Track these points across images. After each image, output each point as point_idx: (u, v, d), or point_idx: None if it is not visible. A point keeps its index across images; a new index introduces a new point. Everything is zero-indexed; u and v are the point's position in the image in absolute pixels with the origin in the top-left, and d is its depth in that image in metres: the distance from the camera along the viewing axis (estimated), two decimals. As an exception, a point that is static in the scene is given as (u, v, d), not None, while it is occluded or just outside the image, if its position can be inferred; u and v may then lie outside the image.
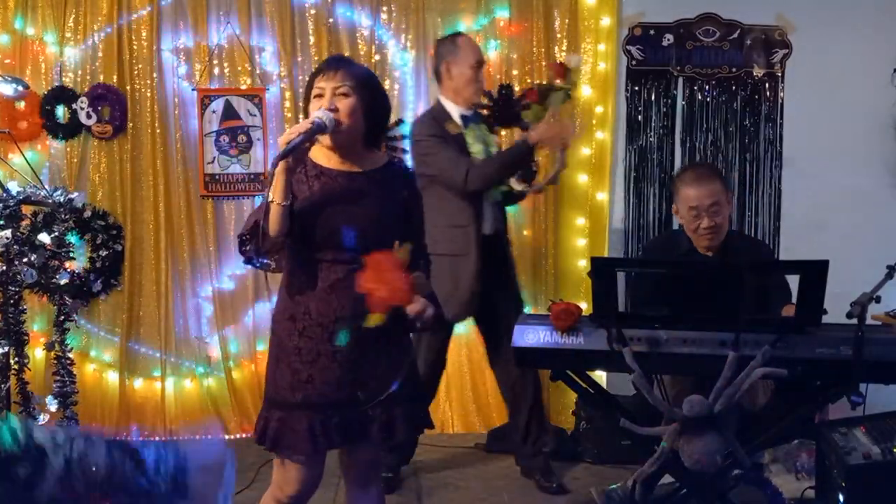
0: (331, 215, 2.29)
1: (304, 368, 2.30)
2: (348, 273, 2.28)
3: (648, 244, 4.38)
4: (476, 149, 3.63)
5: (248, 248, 2.29)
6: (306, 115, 2.37)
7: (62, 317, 2.98)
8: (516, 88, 4.42)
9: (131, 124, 4.46)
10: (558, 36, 4.49)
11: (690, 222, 3.22)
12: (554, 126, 3.52)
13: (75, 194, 3.02)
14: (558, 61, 3.61)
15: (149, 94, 4.46)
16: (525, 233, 4.54)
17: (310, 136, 2.21)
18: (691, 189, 3.20)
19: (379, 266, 2.20)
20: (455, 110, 3.68)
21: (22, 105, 4.39)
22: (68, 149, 4.48)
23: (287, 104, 4.49)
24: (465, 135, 3.64)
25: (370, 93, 2.37)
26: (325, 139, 2.31)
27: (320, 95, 2.32)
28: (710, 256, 3.25)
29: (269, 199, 2.21)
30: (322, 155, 2.37)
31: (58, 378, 2.98)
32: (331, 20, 4.47)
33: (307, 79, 2.43)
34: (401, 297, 2.20)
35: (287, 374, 2.31)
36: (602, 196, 4.54)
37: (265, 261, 2.33)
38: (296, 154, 2.20)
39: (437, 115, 3.73)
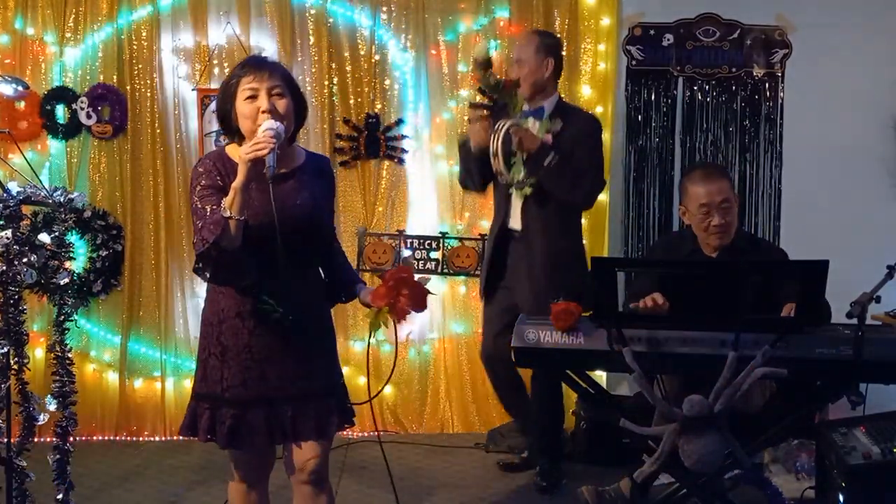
0: (280, 221, 2.30)
1: (256, 366, 2.36)
2: (296, 272, 2.37)
3: (653, 244, 4.38)
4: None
5: (203, 267, 2.31)
6: (227, 117, 2.37)
7: (62, 317, 2.97)
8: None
9: (131, 124, 4.46)
10: (558, 36, 4.48)
11: (701, 220, 3.19)
12: (477, 129, 3.62)
13: (75, 194, 3.01)
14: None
15: (149, 95, 4.47)
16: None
17: (276, 148, 2.23)
18: (701, 187, 3.19)
19: (399, 280, 2.35)
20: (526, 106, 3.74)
21: (22, 105, 4.39)
22: (68, 149, 4.49)
23: (287, 104, 4.49)
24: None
25: (296, 91, 2.43)
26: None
27: (253, 97, 2.32)
28: (713, 258, 3.24)
29: (227, 216, 2.22)
30: None
31: (57, 378, 2.98)
32: (331, 20, 4.47)
33: (235, 80, 2.37)
34: (422, 306, 2.39)
35: (238, 372, 2.36)
36: (602, 196, 4.53)
37: (225, 275, 2.34)
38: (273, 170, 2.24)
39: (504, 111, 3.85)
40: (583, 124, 3.72)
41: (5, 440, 2.87)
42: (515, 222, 3.72)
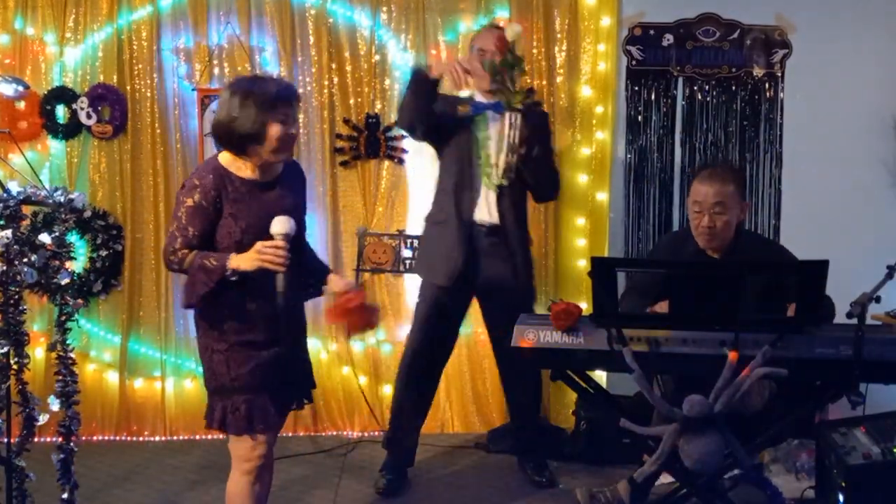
0: (268, 225, 2.52)
1: (257, 355, 2.59)
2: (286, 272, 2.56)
3: (658, 242, 4.37)
4: (482, 135, 3.65)
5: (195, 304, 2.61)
6: (256, 132, 2.53)
7: (63, 317, 2.97)
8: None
9: (131, 124, 4.46)
10: (558, 36, 4.49)
11: (693, 218, 3.21)
12: (446, 61, 3.61)
13: (76, 194, 3.01)
14: (499, 35, 3.59)
15: (149, 94, 4.46)
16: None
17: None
18: (700, 185, 3.20)
19: (349, 303, 2.69)
20: (477, 96, 3.73)
21: (22, 105, 4.39)
22: (68, 149, 4.49)
23: (287, 104, 4.49)
24: (474, 121, 3.67)
25: None
26: (280, 158, 2.62)
27: (286, 122, 2.55)
28: (717, 258, 3.23)
29: (228, 274, 2.49)
30: (240, 166, 2.60)
31: (59, 378, 2.98)
32: (330, 20, 4.46)
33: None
34: (371, 326, 2.80)
35: (244, 363, 2.58)
36: (602, 196, 4.54)
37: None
38: None
39: (457, 97, 3.80)
40: (540, 118, 3.78)
41: (5, 440, 2.87)
42: (483, 214, 3.66)
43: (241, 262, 2.48)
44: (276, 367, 2.62)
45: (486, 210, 3.66)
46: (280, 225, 2.49)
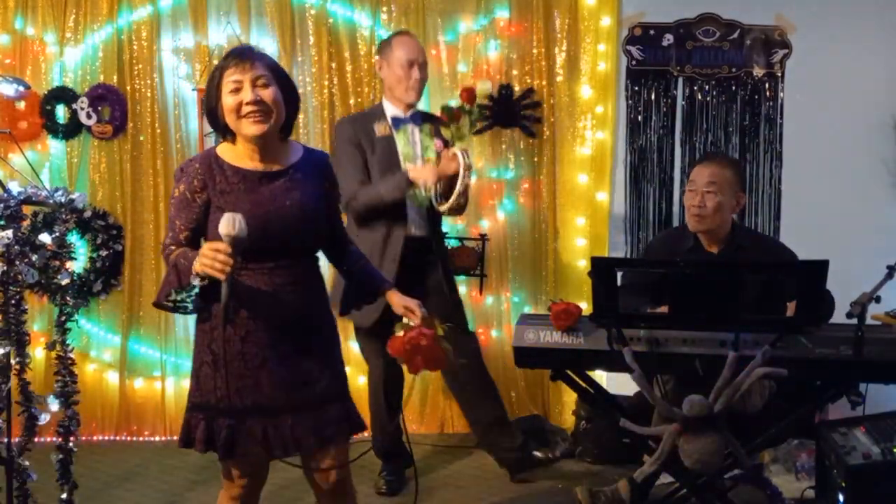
0: (266, 224, 2.22)
1: (250, 374, 2.27)
2: (289, 276, 2.29)
3: (653, 239, 4.38)
4: (406, 152, 3.59)
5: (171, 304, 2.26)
6: (214, 114, 2.29)
7: (63, 317, 2.97)
8: (516, 88, 4.46)
9: (131, 124, 4.47)
10: (558, 36, 4.49)
11: (687, 199, 3.26)
12: (430, 167, 3.43)
13: (76, 195, 3.01)
14: (468, 86, 3.51)
15: (149, 95, 4.47)
16: (525, 233, 4.55)
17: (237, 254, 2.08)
18: (696, 167, 3.29)
19: (416, 347, 2.32)
20: (391, 111, 3.64)
21: (22, 105, 4.40)
22: (68, 149, 4.49)
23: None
24: (396, 137, 3.60)
25: (284, 81, 2.34)
26: (250, 132, 2.26)
27: (238, 89, 2.23)
28: (714, 253, 3.24)
29: (193, 278, 2.14)
30: (239, 155, 2.31)
31: (59, 378, 2.98)
32: (331, 20, 4.47)
33: (218, 74, 2.30)
34: (438, 367, 2.39)
35: (231, 380, 2.26)
36: (602, 196, 4.54)
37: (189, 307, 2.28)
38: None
39: (367, 115, 3.72)
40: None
41: (5, 440, 2.87)
42: (415, 229, 3.61)
43: (197, 264, 2.11)
44: (273, 391, 2.28)
45: (413, 225, 3.60)
46: (225, 224, 2.07)
